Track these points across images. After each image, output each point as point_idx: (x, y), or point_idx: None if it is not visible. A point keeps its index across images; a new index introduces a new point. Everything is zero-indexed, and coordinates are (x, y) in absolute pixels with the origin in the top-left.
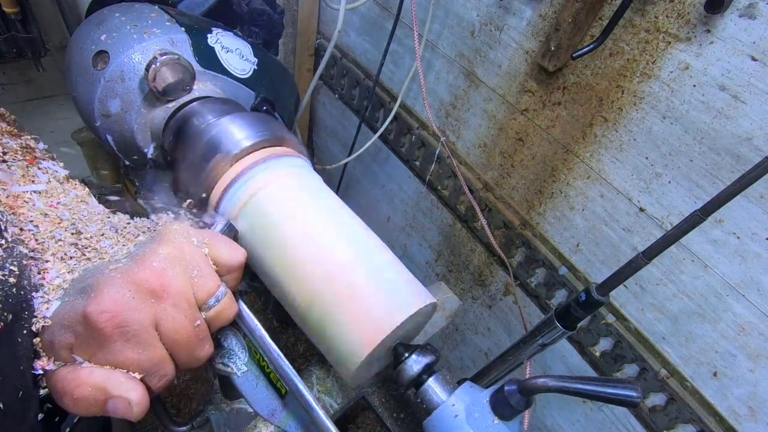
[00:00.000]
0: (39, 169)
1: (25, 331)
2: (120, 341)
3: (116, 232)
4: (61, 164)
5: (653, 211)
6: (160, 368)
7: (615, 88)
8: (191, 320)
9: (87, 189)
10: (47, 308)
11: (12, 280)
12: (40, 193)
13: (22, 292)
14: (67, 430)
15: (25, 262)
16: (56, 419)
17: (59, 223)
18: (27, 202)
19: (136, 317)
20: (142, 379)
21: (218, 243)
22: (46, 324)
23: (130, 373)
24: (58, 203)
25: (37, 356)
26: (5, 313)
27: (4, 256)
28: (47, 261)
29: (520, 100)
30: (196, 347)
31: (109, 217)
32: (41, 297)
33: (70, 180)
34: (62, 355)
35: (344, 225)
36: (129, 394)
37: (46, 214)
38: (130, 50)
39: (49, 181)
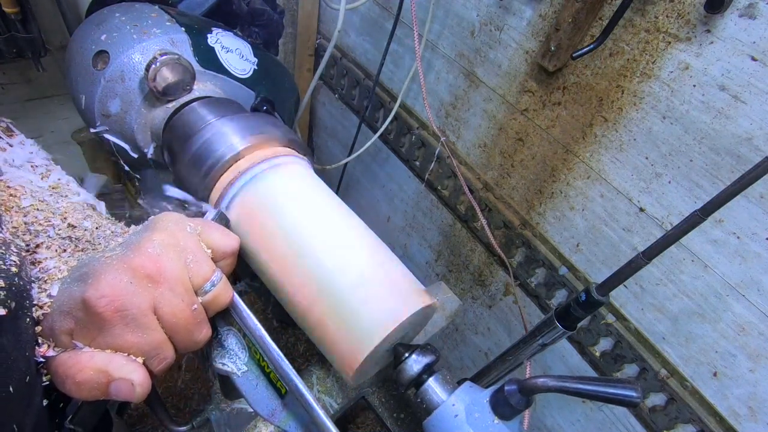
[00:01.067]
0: (32, 166)
1: (27, 319)
2: (120, 325)
3: (109, 223)
4: (52, 161)
5: (653, 211)
6: (160, 351)
7: (615, 88)
8: (188, 304)
9: (78, 184)
10: (47, 295)
11: (14, 269)
12: (33, 189)
13: (22, 282)
14: (70, 416)
15: (22, 254)
16: (60, 405)
17: (52, 217)
18: (21, 199)
19: (135, 301)
20: (143, 363)
21: (211, 230)
22: (46, 312)
23: (131, 356)
24: (51, 198)
25: (38, 344)
26: (9, 301)
27: (4, 248)
28: (42, 254)
29: (520, 100)
30: (194, 330)
31: (101, 211)
32: (38, 287)
33: (63, 176)
34: (63, 340)
35: (343, 225)
36: (131, 376)
37: (40, 209)
38: (130, 50)
39: (42, 178)
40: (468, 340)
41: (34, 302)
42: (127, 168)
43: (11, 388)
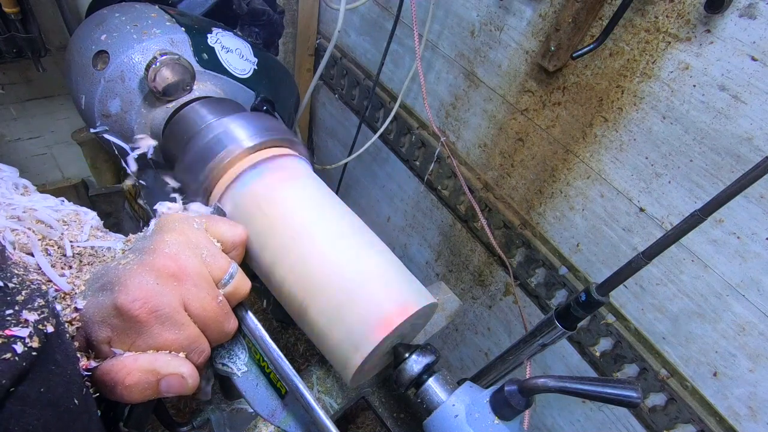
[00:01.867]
0: (12, 186)
1: (67, 335)
2: (156, 325)
3: (107, 234)
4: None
5: (653, 211)
6: (198, 345)
7: (615, 88)
8: (214, 297)
9: (63, 198)
10: (72, 310)
11: (43, 287)
12: (19, 209)
13: (51, 299)
14: (122, 422)
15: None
16: (110, 413)
17: (46, 236)
18: (10, 223)
19: (166, 300)
20: (185, 357)
21: (217, 223)
22: (77, 325)
23: (173, 352)
24: (42, 216)
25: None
26: (51, 318)
27: (23, 269)
28: (48, 275)
29: (520, 100)
30: (223, 321)
31: (92, 219)
32: (60, 304)
33: (44, 195)
34: (103, 350)
35: (343, 224)
36: (180, 369)
37: (33, 230)
38: (130, 50)
39: (27, 199)
40: (468, 340)
41: (64, 318)
42: (129, 169)
43: (76, 401)
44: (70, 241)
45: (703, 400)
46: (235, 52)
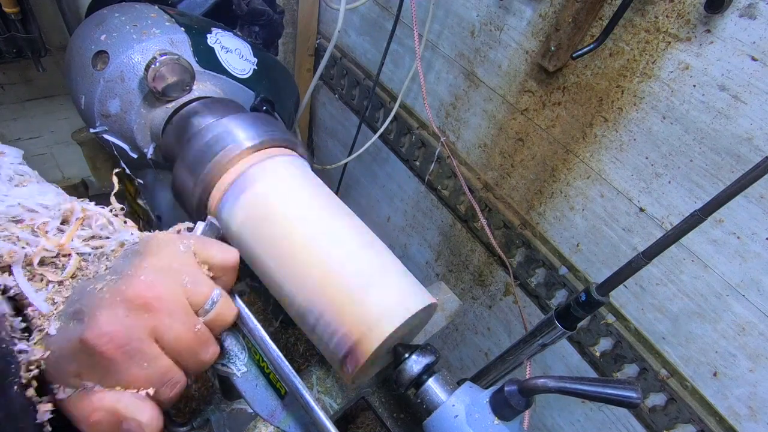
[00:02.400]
0: (6, 178)
1: (16, 387)
2: (124, 361)
3: (108, 232)
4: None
5: (653, 211)
6: (170, 377)
7: (615, 88)
8: (190, 327)
9: (60, 189)
10: (44, 335)
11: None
12: (15, 207)
13: (3, 346)
14: None
15: None
16: None
17: (27, 247)
18: None
19: (134, 334)
20: (155, 393)
21: (208, 246)
22: (41, 368)
23: (142, 390)
24: (28, 223)
25: (52, 391)
26: None
27: None
28: (28, 297)
29: (520, 100)
30: (200, 351)
31: (94, 217)
32: (37, 324)
33: (41, 188)
34: (71, 382)
35: (343, 225)
36: (139, 417)
37: (9, 238)
38: (129, 50)
39: (27, 191)
40: (468, 340)
41: (24, 359)
42: (128, 171)
43: None
44: (49, 249)
45: (703, 400)
46: (234, 52)
